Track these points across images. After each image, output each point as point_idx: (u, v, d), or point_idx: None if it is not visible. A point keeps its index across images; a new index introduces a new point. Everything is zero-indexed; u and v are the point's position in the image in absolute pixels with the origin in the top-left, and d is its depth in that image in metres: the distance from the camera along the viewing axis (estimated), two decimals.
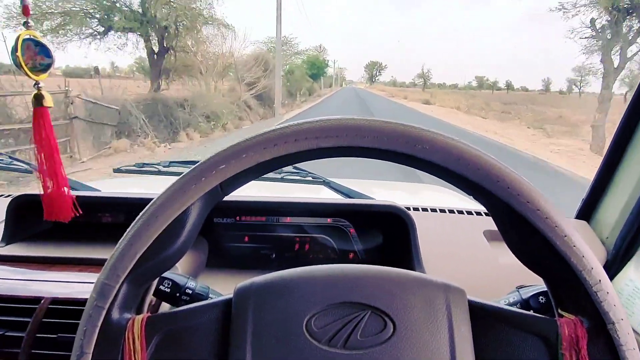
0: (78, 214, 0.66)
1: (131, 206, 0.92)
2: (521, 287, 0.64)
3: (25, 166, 1.16)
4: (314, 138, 0.41)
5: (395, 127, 0.41)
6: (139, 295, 0.47)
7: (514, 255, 0.45)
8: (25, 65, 0.60)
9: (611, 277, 0.87)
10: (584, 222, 0.98)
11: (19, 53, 0.59)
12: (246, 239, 0.94)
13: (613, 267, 0.88)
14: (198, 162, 0.43)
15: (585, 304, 0.41)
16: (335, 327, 0.42)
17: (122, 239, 0.42)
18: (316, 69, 37.14)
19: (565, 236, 0.40)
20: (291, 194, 1.12)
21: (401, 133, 0.41)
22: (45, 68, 0.62)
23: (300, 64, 30.07)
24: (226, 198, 0.46)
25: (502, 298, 0.62)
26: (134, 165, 1.21)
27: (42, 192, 0.64)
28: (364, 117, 0.42)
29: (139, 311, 0.47)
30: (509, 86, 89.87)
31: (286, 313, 0.43)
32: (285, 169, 1.13)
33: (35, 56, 0.61)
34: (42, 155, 0.63)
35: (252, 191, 0.94)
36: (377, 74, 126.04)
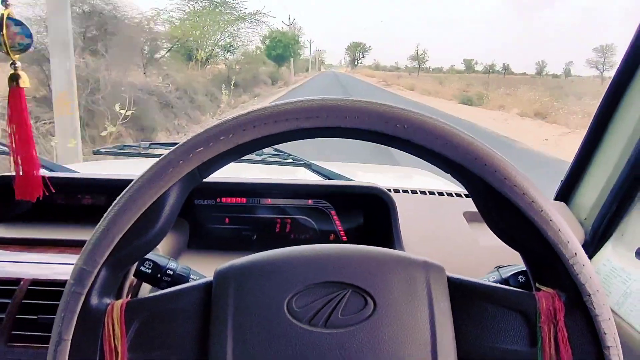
0: (48, 193, 0.66)
1: (111, 188, 0.91)
2: (500, 267, 0.66)
3: (4, 148, 1.13)
4: (294, 119, 0.41)
5: (375, 107, 0.41)
6: (117, 280, 0.46)
7: (493, 237, 0.46)
8: (6, 44, 0.59)
9: (589, 258, 0.89)
10: (562, 204, 0.99)
11: (3, 32, 0.58)
12: (227, 220, 0.94)
13: (591, 247, 0.90)
14: (177, 143, 0.42)
15: (562, 277, 0.42)
16: (316, 306, 0.42)
17: (99, 223, 0.42)
18: (282, 48, 27.29)
19: (542, 211, 0.40)
20: (272, 176, 1.11)
21: (381, 113, 0.41)
22: (25, 48, 0.61)
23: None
24: (207, 180, 0.46)
25: (482, 278, 0.63)
26: (114, 147, 1.19)
27: (13, 172, 0.64)
28: (344, 97, 0.42)
29: (118, 296, 0.46)
30: (506, 69, 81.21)
31: (267, 294, 0.43)
32: (266, 150, 1.12)
33: (14, 36, 0.60)
34: (17, 136, 0.62)
35: (233, 173, 0.93)
36: (361, 56, 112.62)
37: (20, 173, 0.63)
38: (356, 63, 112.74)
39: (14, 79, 0.61)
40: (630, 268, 0.79)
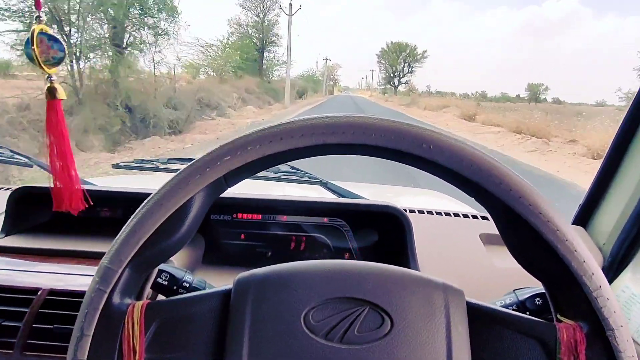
0: (88, 205, 0.67)
1: (129, 201, 0.93)
2: (517, 289, 0.65)
3: (25, 160, 1.16)
4: (320, 134, 0.42)
5: (400, 126, 0.41)
6: (139, 281, 0.47)
7: (509, 259, 0.46)
8: (39, 58, 0.61)
9: (608, 284, 0.87)
10: (580, 228, 0.98)
11: (34, 47, 0.60)
12: (242, 236, 0.95)
13: (610, 273, 0.88)
14: (200, 157, 0.43)
15: (585, 309, 0.41)
16: (333, 321, 0.43)
17: (126, 224, 0.43)
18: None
19: (567, 240, 0.40)
20: (288, 194, 1.12)
21: (407, 132, 0.41)
22: (59, 61, 0.64)
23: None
24: (223, 195, 0.47)
25: (498, 299, 0.62)
26: (132, 162, 1.21)
27: (51, 184, 0.65)
28: (370, 115, 0.42)
29: (139, 297, 0.47)
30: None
31: (284, 305, 0.43)
32: (282, 168, 1.14)
33: (48, 50, 0.62)
34: (55, 148, 0.64)
35: (250, 189, 0.94)
36: (401, 74, 66.45)
37: (59, 185, 0.64)
38: (395, 84, 68.65)
39: (50, 91, 0.63)
40: None
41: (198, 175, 0.42)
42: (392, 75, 70.23)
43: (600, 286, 0.40)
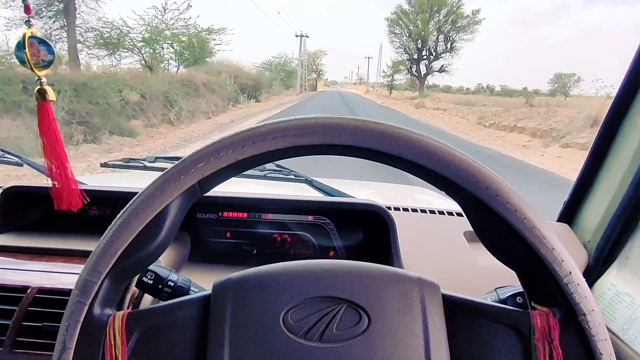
0: (86, 202, 0.69)
1: (117, 200, 0.94)
2: (499, 287, 0.65)
3: (16, 159, 1.16)
4: (291, 136, 0.42)
5: (369, 125, 0.42)
6: (120, 291, 0.47)
7: (492, 257, 0.46)
8: (31, 61, 0.63)
9: (593, 281, 0.87)
10: (565, 225, 0.98)
11: (26, 50, 0.62)
12: (228, 234, 0.95)
13: (595, 271, 0.88)
14: (180, 159, 0.44)
15: (557, 295, 0.42)
16: (311, 320, 0.43)
17: (103, 236, 0.43)
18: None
19: (534, 228, 0.41)
20: (273, 191, 1.13)
21: (375, 131, 0.42)
22: (48, 64, 0.65)
23: None
24: (209, 194, 0.47)
25: (480, 297, 0.63)
26: (120, 160, 1.23)
27: (50, 184, 0.67)
28: (339, 116, 0.43)
29: (119, 307, 0.48)
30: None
31: (263, 307, 0.43)
32: (268, 166, 1.14)
33: (39, 53, 0.63)
34: (49, 148, 0.66)
35: (235, 188, 0.95)
36: (434, 53, 35.59)
37: (57, 185, 0.66)
38: (422, 71, 37.56)
39: (41, 93, 0.65)
40: (635, 293, 0.77)
41: (173, 183, 0.43)
42: (416, 56, 37.29)
43: (570, 272, 0.41)
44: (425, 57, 37.42)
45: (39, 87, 0.64)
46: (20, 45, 0.62)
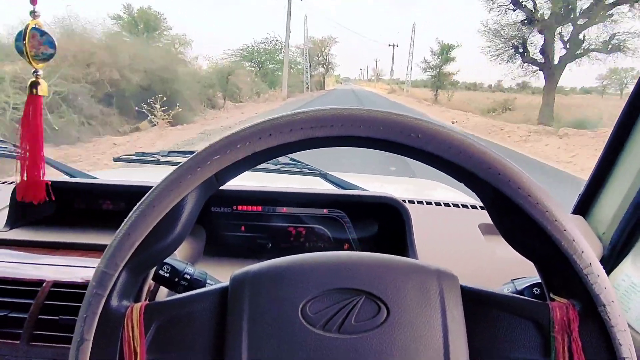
0: (48, 200, 0.70)
1: (130, 194, 0.94)
2: (516, 279, 0.65)
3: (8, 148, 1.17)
4: (308, 128, 0.42)
5: (388, 117, 0.42)
6: (137, 283, 0.48)
7: (508, 249, 0.46)
8: (29, 53, 0.61)
9: (607, 273, 0.87)
10: (580, 217, 0.98)
11: (26, 41, 0.61)
12: (243, 228, 0.96)
13: (609, 262, 0.88)
14: (195, 152, 0.44)
15: (576, 287, 0.42)
16: (330, 312, 0.43)
17: (120, 228, 0.43)
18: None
19: (556, 220, 0.40)
20: (288, 185, 1.13)
21: (395, 122, 0.41)
22: (47, 58, 0.64)
23: None
24: (224, 188, 0.47)
25: (496, 289, 0.63)
26: (133, 154, 1.22)
27: (19, 176, 0.67)
28: (358, 107, 0.43)
29: (137, 299, 0.48)
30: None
31: (281, 299, 0.43)
32: (282, 160, 1.14)
33: (39, 45, 0.62)
34: (27, 141, 0.65)
35: (250, 182, 0.95)
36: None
37: (25, 177, 0.66)
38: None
39: (33, 86, 0.64)
40: None
41: (189, 175, 0.42)
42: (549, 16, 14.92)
43: (590, 263, 0.40)
44: (572, 18, 15.42)
45: (33, 79, 0.63)
46: (21, 36, 0.61)
